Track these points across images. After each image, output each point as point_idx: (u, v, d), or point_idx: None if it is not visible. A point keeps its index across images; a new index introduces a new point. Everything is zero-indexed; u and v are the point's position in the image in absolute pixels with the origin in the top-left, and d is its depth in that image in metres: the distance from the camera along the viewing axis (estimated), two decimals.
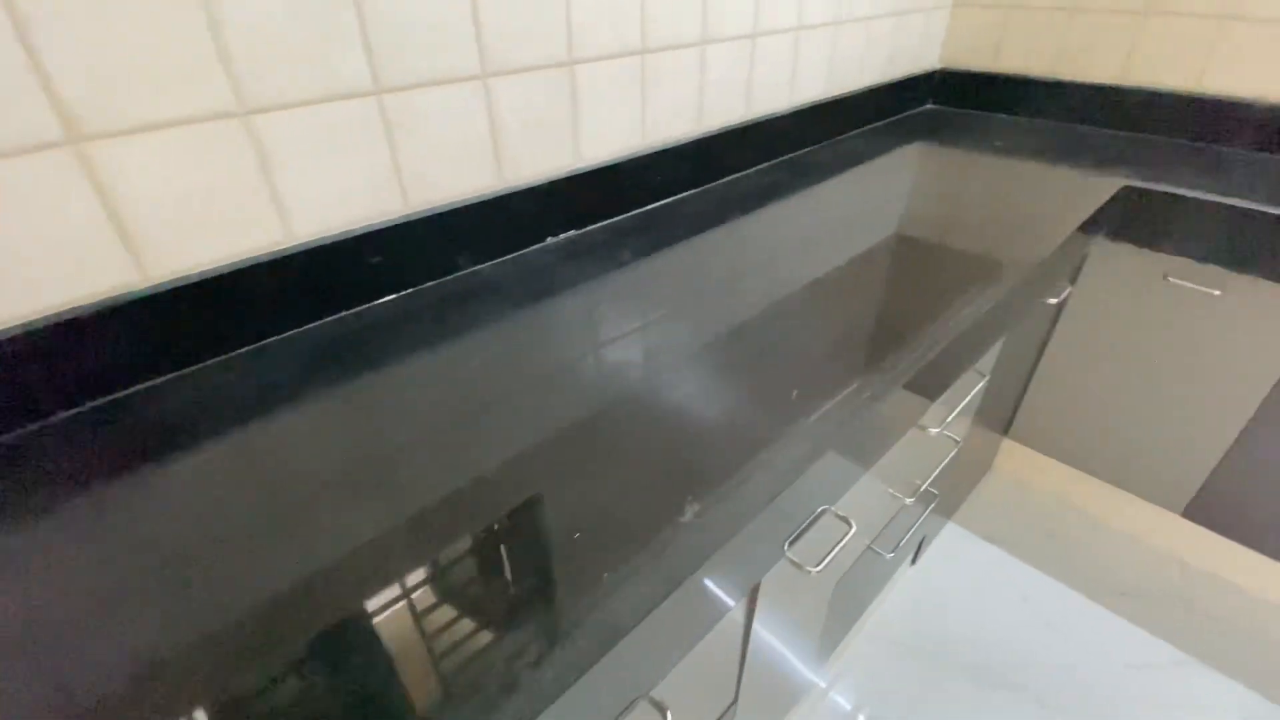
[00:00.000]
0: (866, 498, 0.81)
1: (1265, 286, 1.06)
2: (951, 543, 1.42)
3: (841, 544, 0.63)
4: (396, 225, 0.75)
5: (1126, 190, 1.11)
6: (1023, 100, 1.55)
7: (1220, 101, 1.29)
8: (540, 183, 0.87)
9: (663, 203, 1.07)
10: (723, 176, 1.17)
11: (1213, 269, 1.10)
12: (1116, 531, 1.43)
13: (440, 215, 0.78)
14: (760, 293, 0.78)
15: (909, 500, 0.90)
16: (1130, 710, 1.11)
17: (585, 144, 0.92)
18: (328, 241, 0.70)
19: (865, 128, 1.50)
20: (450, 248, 0.82)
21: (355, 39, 0.65)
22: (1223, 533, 1.27)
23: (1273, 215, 0.99)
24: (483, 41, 0.75)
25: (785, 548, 0.60)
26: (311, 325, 0.72)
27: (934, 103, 1.70)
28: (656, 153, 1.02)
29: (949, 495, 1.30)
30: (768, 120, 1.20)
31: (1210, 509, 1.26)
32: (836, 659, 1.20)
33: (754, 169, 1.22)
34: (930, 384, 0.73)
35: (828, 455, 0.56)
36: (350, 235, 0.71)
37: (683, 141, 1.05)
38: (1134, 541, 1.41)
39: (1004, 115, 1.58)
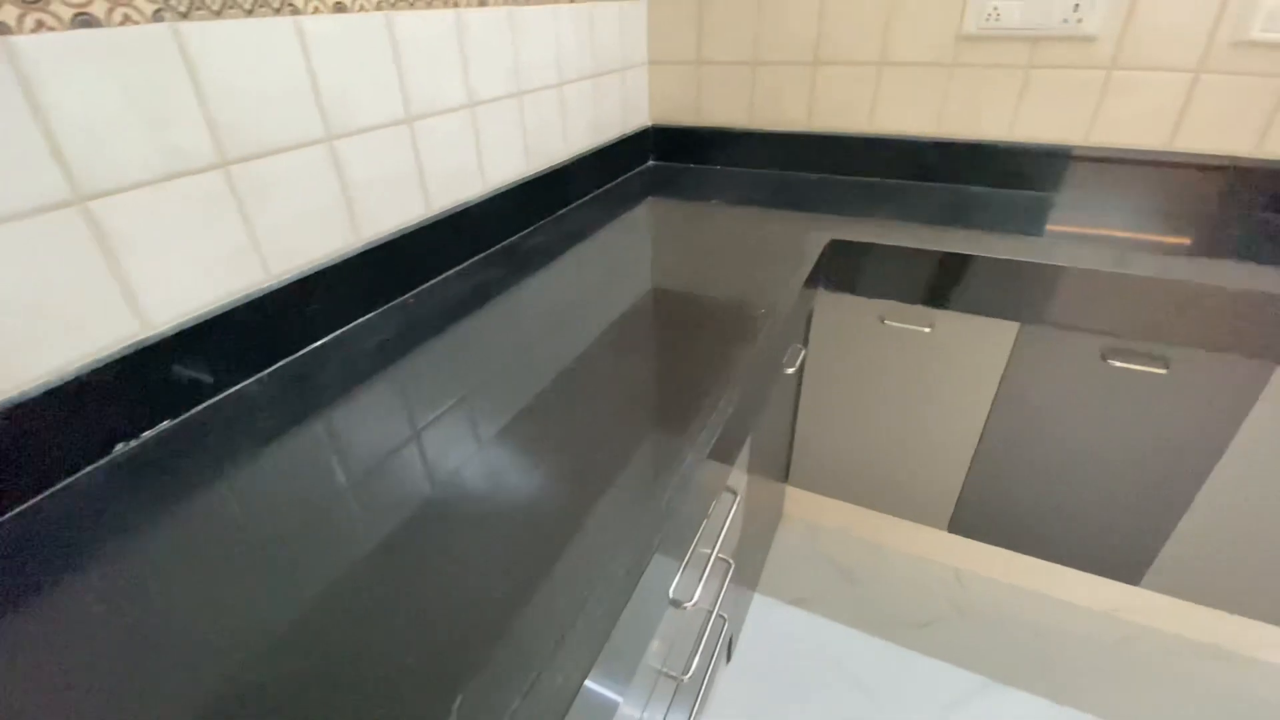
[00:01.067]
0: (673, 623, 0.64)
1: (967, 319, 1.11)
2: (761, 618, 1.34)
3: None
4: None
5: (834, 244, 1.11)
6: (731, 152, 1.56)
7: (889, 140, 1.39)
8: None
9: (334, 335, 0.82)
10: (409, 290, 0.94)
11: (920, 308, 1.13)
12: (900, 556, 1.47)
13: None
14: (493, 415, 0.62)
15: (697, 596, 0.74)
16: None
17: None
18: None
19: (592, 194, 1.40)
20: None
21: None
22: (986, 540, 1.34)
23: (949, 254, 1.04)
24: None
25: None
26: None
27: (655, 158, 1.66)
28: (294, 282, 0.76)
29: (749, 557, 1.20)
30: (460, 212, 1.00)
31: (970, 520, 1.33)
32: None
33: (455, 269, 1.01)
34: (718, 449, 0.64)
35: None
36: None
37: (335, 261, 0.81)
38: (916, 563, 1.45)
39: (720, 168, 1.58)
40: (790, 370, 1.02)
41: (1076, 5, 1.14)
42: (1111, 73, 1.17)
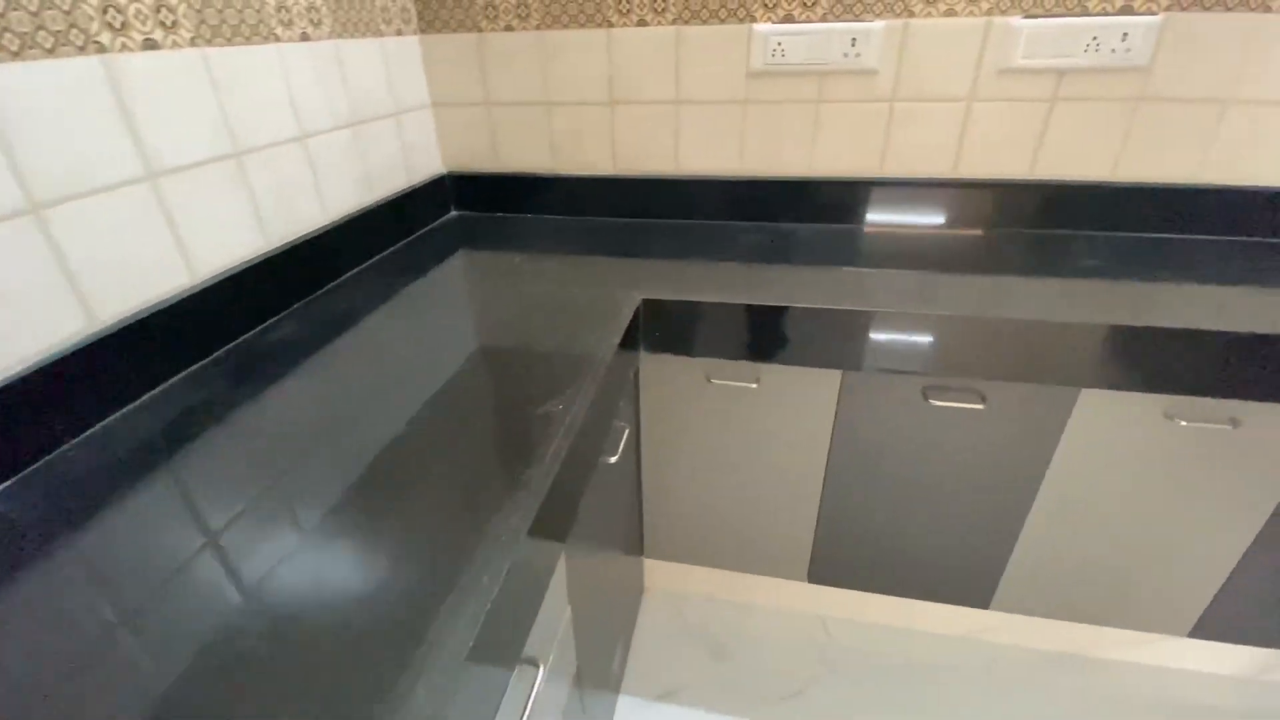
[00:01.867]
0: None
1: (791, 370, 1.04)
2: None
3: None
4: None
5: (648, 304, 0.99)
6: (538, 199, 1.41)
7: (697, 180, 1.32)
8: None
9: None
10: (55, 445, 0.68)
11: (744, 364, 1.05)
12: (767, 613, 1.38)
13: None
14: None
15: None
16: None
17: None
18: None
19: (377, 257, 1.19)
20: None
21: None
22: (846, 585, 1.29)
23: (762, 307, 0.96)
24: None
25: None
26: None
27: (458, 208, 1.47)
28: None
29: (602, 660, 1.04)
30: (151, 317, 0.75)
31: (827, 568, 1.26)
32: None
33: (146, 396, 0.76)
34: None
35: None
36: None
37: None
38: (783, 619, 1.37)
39: (529, 215, 1.43)
40: (613, 459, 0.88)
41: (854, 40, 1.13)
42: (894, 105, 1.18)
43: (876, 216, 1.27)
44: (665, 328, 1.01)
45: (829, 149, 1.24)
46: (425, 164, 1.37)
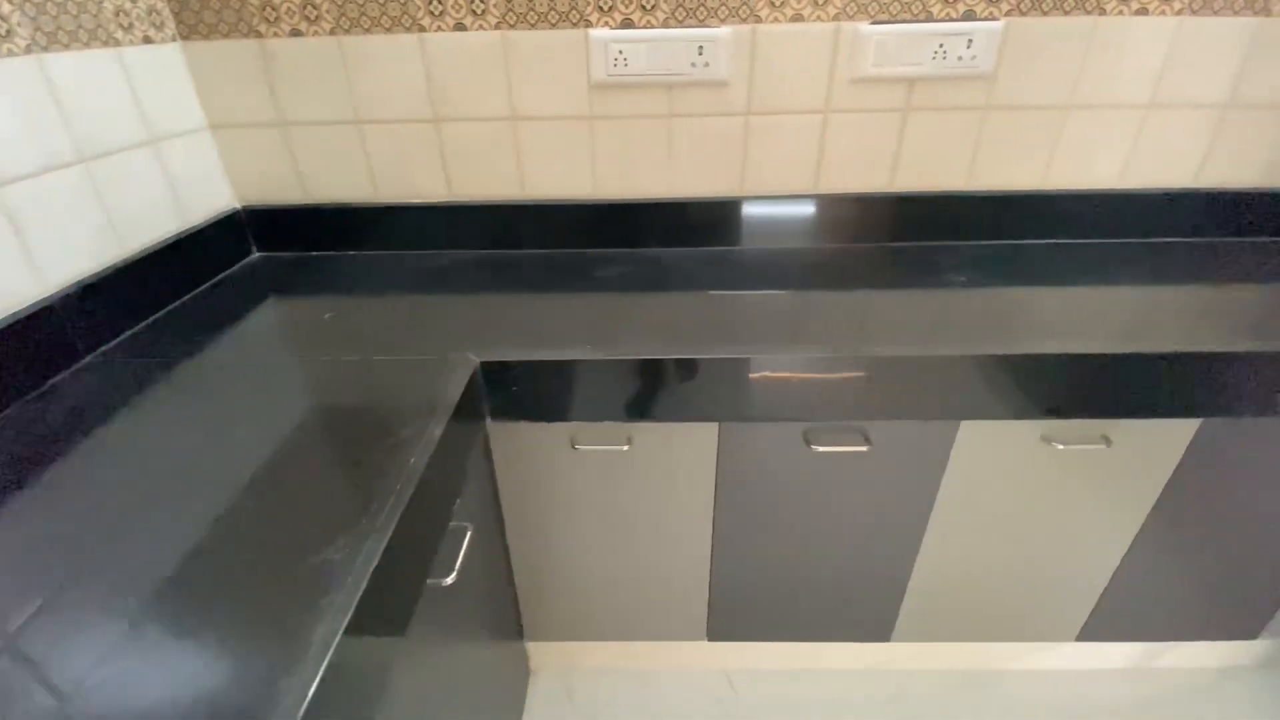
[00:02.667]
0: None
1: (664, 427, 0.91)
2: None
3: None
4: None
5: (487, 367, 0.82)
6: (360, 234, 1.19)
7: (546, 206, 1.16)
8: None
9: None
10: None
11: (610, 425, 0.91)
12: (668, 677, 1.26)
13: None
14: None
15: None
16: None
17: None
18: None
19: (136, 328, 0.92)
20: None
21: None
22: (747, 639, 1.19)
23: (619, 361, 0.82)
24: None
25: None
26: None
27: (260, 249, 1.22)
28: None
29: None
30: None
31: (727, 624, 1.16)
32: None
33: None
34: None
35: None
36: None
37: None
38: (686, 679, 1.25)
39: (352, 253, 1.21)
40: (448, 579, 0.70)
41: (701, 48, 1.02)
42: (749, 118, 1.08)
43: (741, 238, 1.18)
44: (512, 392, 0.85)
45: (686, 168, 1.13)
46: (207, 200, 1.11)
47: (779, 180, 1.14)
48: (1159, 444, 0.92)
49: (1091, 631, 1.15)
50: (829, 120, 1.08)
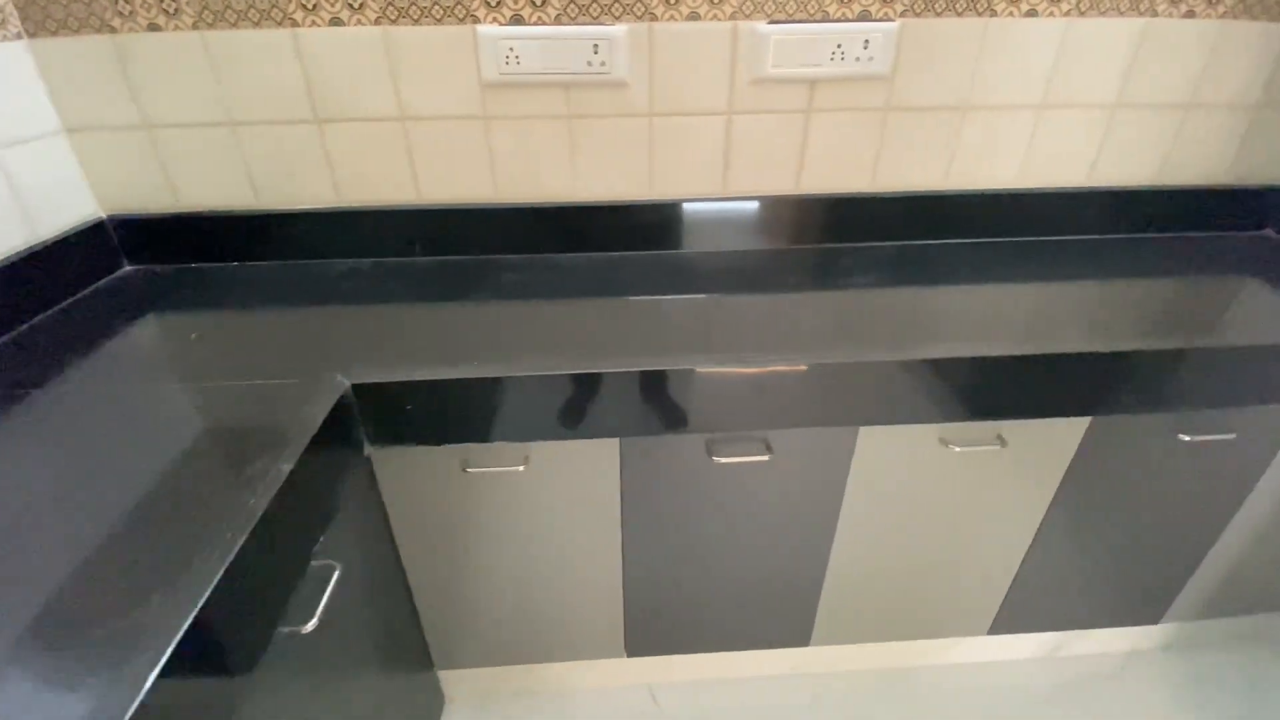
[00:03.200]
0: None
1: (560, 445, 0.87)
2: None
3: None
4: None
5: (360, 390, 0.76)
6: (239, 244, 1.11)
7: (443, 210, 1.10)
8: None
9: None
10: None
11: (503, 446, 0.86)
12: (589, 696, 1.22)
13: None
14: None
15: None
16: None
17: None
18: None
19: (13, 330, 0.84)
20: None
21: None
22: (667, 652, 1.16)
23: (506, 379, 0.78)
24: None
25: None
26: None
27: (132, 263, 1.12)
28: None
29: None
30: None
31: (645, 639, 1.13)
32: None
33: None
34: None
35: None
36: None
37: None
38: (608, 697, 1.22)
39: (235, 264, 1.12)
40: (308, 626, 0.65)
41: (596, 47, 0.98)
42: (653, 120, 1.05)
43: (650, 242, 1.15)
44: (393, 415, 0.79)
45: (591, 170, 1.09)
46: (65, 210, 1.02)
47: (687, 183, 1.11)
48: (1052, 442, 0.93)
49: (1002, 624, 1.17)
50: (733, 122, 1.06)
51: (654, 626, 1.11)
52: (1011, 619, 1.16)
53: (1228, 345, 0.84)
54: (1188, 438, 0.91)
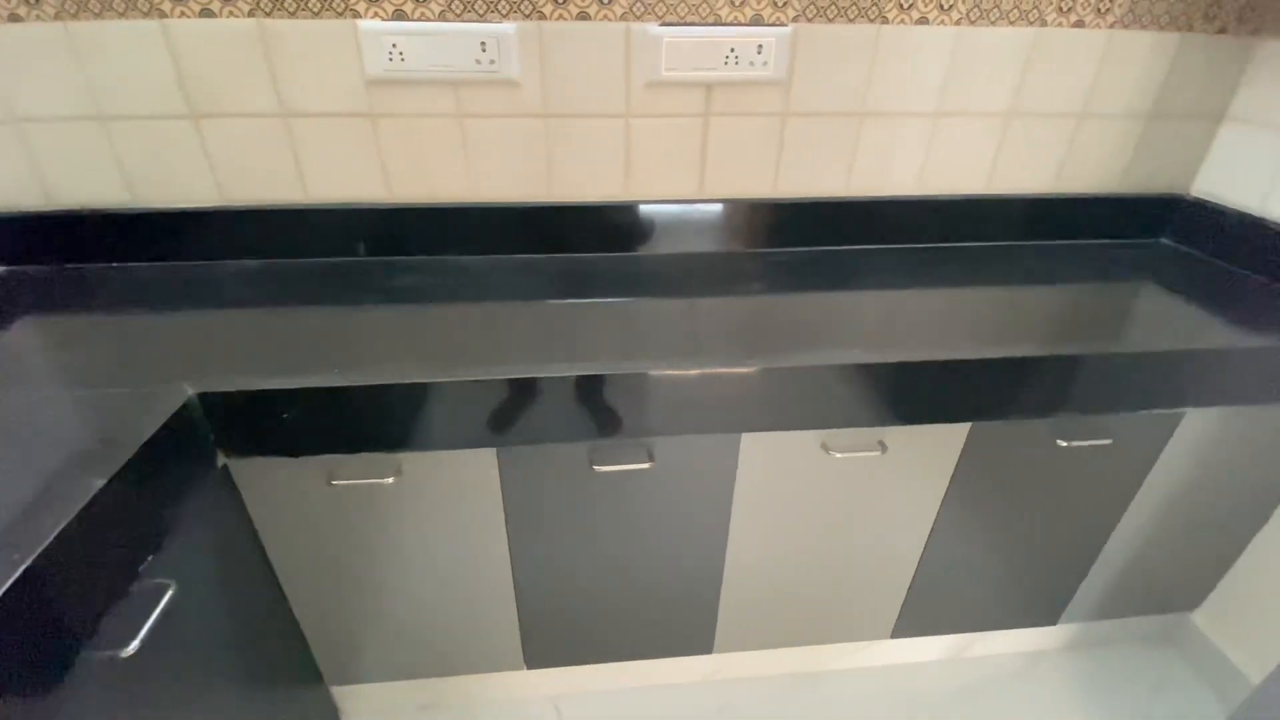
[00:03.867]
0: None
1: (435, 456, 0.85)
2: None
3: None
4: None
5: (207, 398, 0.73)
6: (113, 243, 1.06)
7: (332, 210, 1.07)
8: None
9: None
10: None
11: (372, 457, 0.83)
12: (492, 709, 1.20)
13: None
14: None
15: None
16: None
17: None
18: None
19: None
20: None
21: None
22: (568, 663, 1.14)
23: (372, 387, 0.75)
24: None
25: None
26: None
27: (2, 264, 1.06)
28: None
29: None
30: None
31: (543, 650, 1.11)
32: None
33: None
34: None
35: None
36: None
37: None
38: (512, 710, 1.20)
39: (114, 265, 1.07)
40: (127, 650, 0.61)
41: (484, 45, 0.95)
42: (548, 120, 1.03)
43: (550, 245, 1.13)
44: (243, 426, 0.76)
45: (486, 171, 1.06)
46: None
47: (585, 186, 1.09)
48: (934, 449, 0.94)
49: (905, 627, 1.18)
50: (631, 125, 1.05)
51: (553, 638, 1.09)
52: (913, 622, 1.17)
53: (1103, 352, 0.85)
54: (1065, 443, 0.92)
